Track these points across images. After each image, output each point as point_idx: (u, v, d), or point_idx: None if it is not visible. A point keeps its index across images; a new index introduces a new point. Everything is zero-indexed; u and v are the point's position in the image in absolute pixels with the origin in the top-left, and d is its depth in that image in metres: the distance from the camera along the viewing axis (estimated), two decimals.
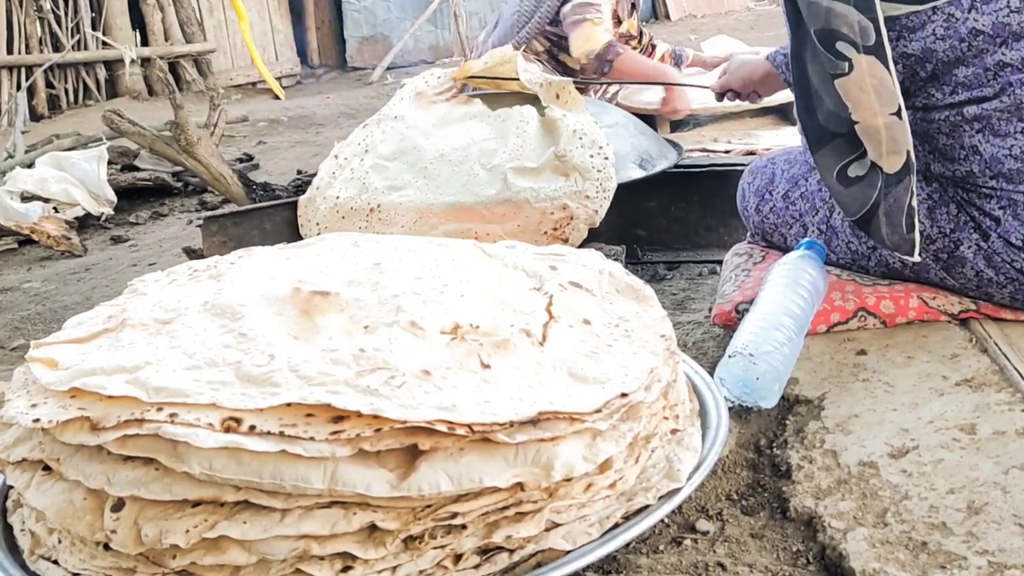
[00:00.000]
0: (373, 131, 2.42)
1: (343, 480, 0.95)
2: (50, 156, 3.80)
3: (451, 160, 2.22)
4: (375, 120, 2.47)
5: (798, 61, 1.50)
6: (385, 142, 2.34)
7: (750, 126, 3.95)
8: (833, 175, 1.48)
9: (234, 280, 1.27)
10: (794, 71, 1.53)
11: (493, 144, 2.23)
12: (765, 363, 1.36)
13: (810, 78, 1.48)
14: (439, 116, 2.36)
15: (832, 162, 1.47)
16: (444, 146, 2.26)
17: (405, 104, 2.44)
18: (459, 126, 2.32)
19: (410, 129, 2.33)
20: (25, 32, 6.60)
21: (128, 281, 2.82)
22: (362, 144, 2.40)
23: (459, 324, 1.13)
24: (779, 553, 1.11)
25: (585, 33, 3.57)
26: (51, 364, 1.10)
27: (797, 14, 1.46)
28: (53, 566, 1.05)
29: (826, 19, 1.39)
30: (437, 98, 2.42)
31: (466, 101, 2.39)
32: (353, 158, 2.37)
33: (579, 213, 2.11)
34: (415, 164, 2.25)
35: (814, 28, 1.41)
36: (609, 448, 1.05)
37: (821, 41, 1.41)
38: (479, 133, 2.27)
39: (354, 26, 8.97)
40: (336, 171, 2.38)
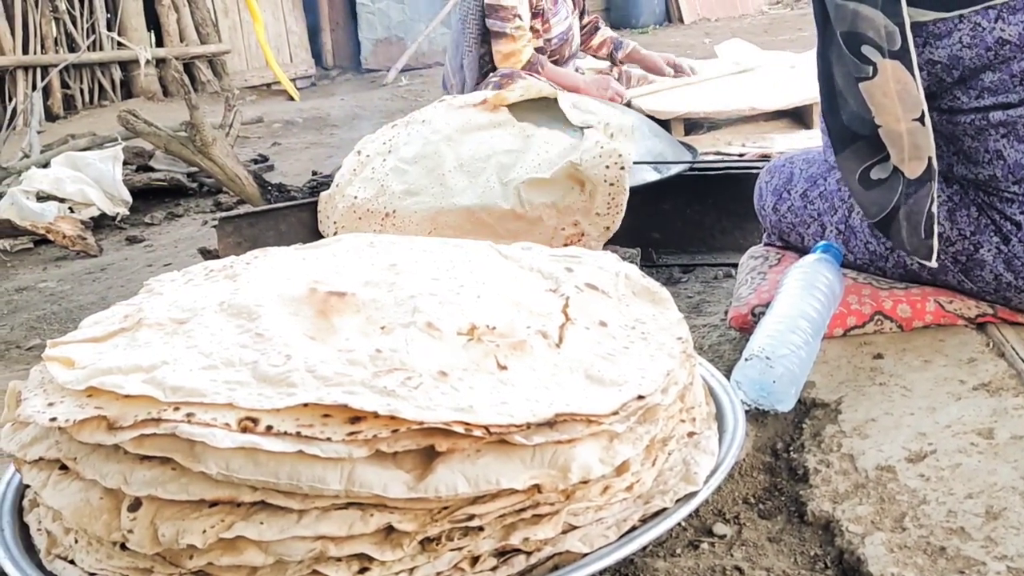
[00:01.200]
0: (400, 132, 2.41)
1: (360, 481, 0.94)
2: (66, 156, 3.82)
3: (469, 170, 2.21)
4: (404, 121, 2.47)
5: (824, 60, 1.50)
6: (409, 144, 2.34)
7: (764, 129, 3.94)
8: (855, 177, 1.47)
9: (250, 280, 1.27)
10: (820, 70, 1.53)
11: (512, 158, 2.21)
12: (782, 366, 1.35)
13: (835, 79, 1.47)
14: (464, 121, 2.35)
15: (855, 164, 1.47)
16: (464, 153, 2.25)
17: (434, 108, 2.44)
18: (482, 134, 2.31)
19: (434, 134, 2.32)
20: (41, 32, 6.63)
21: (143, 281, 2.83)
22: (387, 144, 2.40)
23: (476, 325, 1.13)
24: (796, 557, 1.10)
25: (507, 49, 3.65)
26: (68, 363, 1.10)
27: (824, 14, 1.46)
28: (70, 566, 1.05)
29: (852, 22, 1.38)
30: (467, 102, 2.42)
31: (494, 109, 2.37)
32: (376, 156, 2.37)
33: (590, 231, 2.11)
34: (433, 170, 2.24)
35: (840, 30, 1.41)
36: (626, 450, 1.05)
37: (847, 44, 1.40)
38: (501, 143, 2.26)
39: (368, 28, 8.98)
40: (357, 168, 2.38)
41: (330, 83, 8.53)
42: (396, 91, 7.43)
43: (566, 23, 3.89)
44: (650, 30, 8.97)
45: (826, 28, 1.47)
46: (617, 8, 9.25)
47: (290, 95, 7.34)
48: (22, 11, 6.54)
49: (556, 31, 3.83)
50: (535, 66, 3.61)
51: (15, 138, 4.68)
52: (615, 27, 9.02)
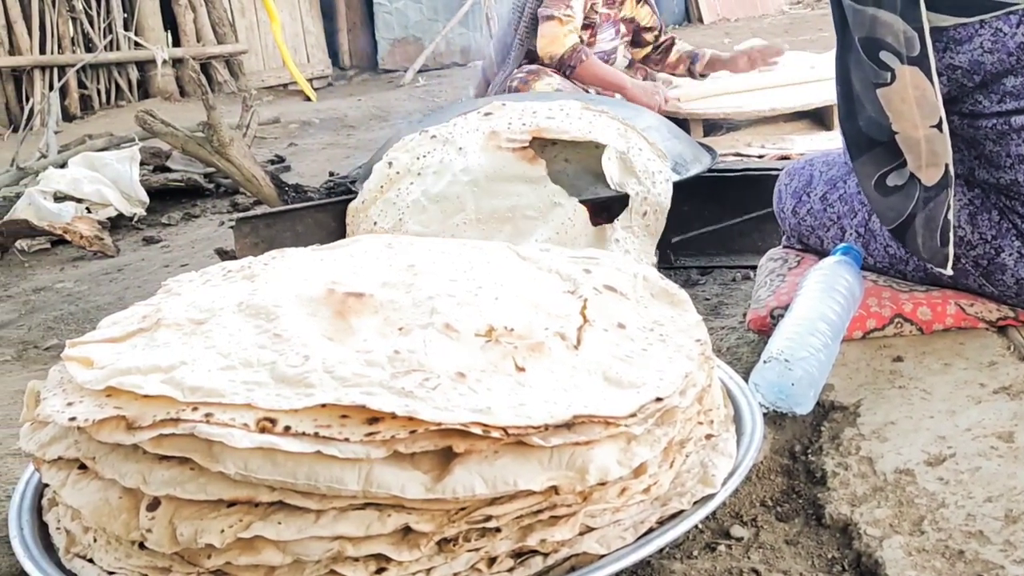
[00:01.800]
0: (435, 151, 2.28)
1: (378, 482, 0.94)
2: (83, 156, 3.84)
3: (484, 227, 2.14)
4: (444, 136, 2.32)
5: (842, 65, 1.49)
6: (437, 175, 2.22)
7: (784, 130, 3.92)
8: (872, 183, 1.47)
9: (268, 281, 1.28)
10: (838, 75, 1.52)
11: (532, 225, 2.13)
12: (801, 369, 1.34)
13: (853, 83, 1.46)
14: (498, 167, 2.19)
15: (871, 170, 1.46)
16: (485, 207, 2.17)
17: (476, 138, 2.27)
18: (510, 187, 2.18)
19: (464, 173, 2.19)
20: (58, 32, 6.66)
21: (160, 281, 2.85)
22: (420, 160, 2.28)
23: (493, 326, 1.13)
24: (814, 560, 1.10)
25: (551, 32, 3.58)
26: (87, 363, 1.11)
27: (843, 19, 1.45)
28: (88, 564, 1.06)
29: (871, 27, 1.37)
30: (508, 144, 2.22)
31: (532, 159, 2.20)
32: (404, 175, 2.26)
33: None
34: (451, 216, 2.15)
35: (859, 35, 1.40)
36: (644, 452, 1.05)
37: (865, 49, 1.39)
38: (526, 203, 2.15)
39: (386, 28, 8.99)
40: (385, 184, 2.28)
41: (347, 83, 8.55)
42: (413, 91, 7.44)
43: (611, 44, 3.87)
44: (669, 30, 8.94)
45: (844, 33, 1.46)
46: None
47: (307, 95, 7.36)
48: (39, 11, 6.58)
49: (600, 47, 3.81)
50: (578, 55, 3.53)
51: (32, 138, 4.71)
52: None
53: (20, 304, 2.87)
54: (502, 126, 2.29)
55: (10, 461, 1.60)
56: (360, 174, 2.60)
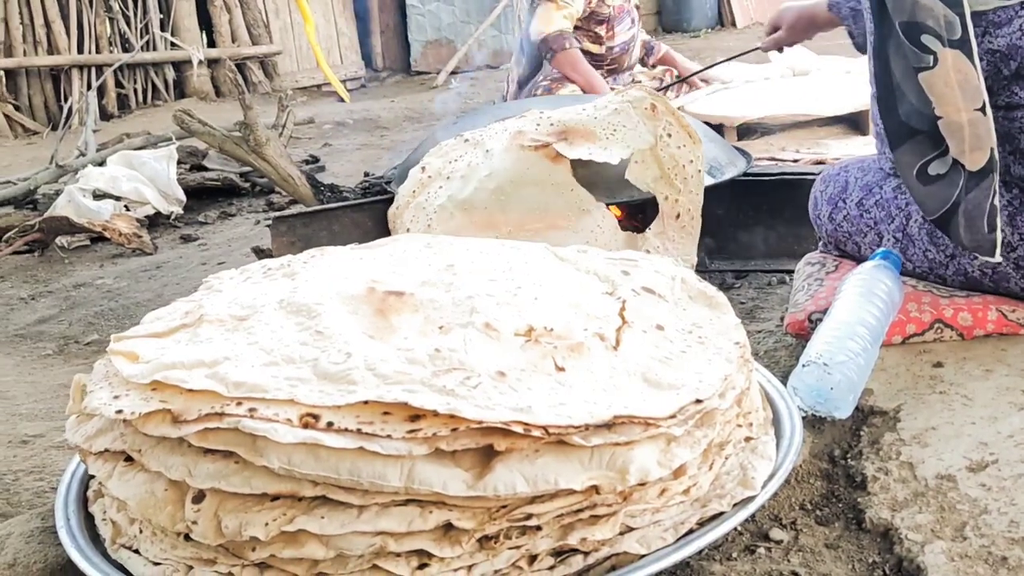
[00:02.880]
0: (467, 154, 2.25)
1: (420, 478, 0.95)
2: (121, 155, 3.89)
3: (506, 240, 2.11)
4: (476, 139, 2.29)
5: (880, 56, 1.48)
6: (464, 180, 2.17)
7: (819, 135, 3.90)
8: (913, 173, 1.46)
9: (309, 279, 1.29)
10: (875, 67, 1.51)
11: (562, 236, 2.03)
12: (840, 373, 1.34)
13: (892, 73, 1.46)
14: (522, 169, 2.12)
15: (912, 159, 1.45)
16: (512, 218, 2.12)
17: (502, 138, 2.21)
18: (534, 192, 2.11)
19: (489, 179, 2.13)
20: (95, 32, 6.76)
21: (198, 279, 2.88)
22: (451, 164, 2.25)
23: (533, 326, 1.13)
24: (854, 564, 1.09)
25: (545, 13, 3.57)
26: (132, 357, 1.12)
27: (882, 7, 1.44)
28: (134, 555, 1.07)
29: (912, 11, 1.37)
30: (530, 143, 2.13)
31: (554, 158, 2.11)
32: (436, 178, 2.24)
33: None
34: (474, 223, 2.12)
35: (899, 20, 1.40)
36: (684, 454, 1.05)
37: (906, 34, 1.39)
38: (552, 208, 2.09)
39: (419, 30, 9.03)
40: (418, 189, 2.26)
41: (379, 85, 8.60)
42: (446, 93, 7.46)
43: (629, 33, 3.86)
44: (702, 34, 8.90)
45: (883, 21, 1.45)
46: (669, 12, 9.19)
47: (340, 96, 7.40)
48: (77, 11, 6.68)
49: (619, 40, 3.81)
50: (563, 40, 3.51)
51: (71, 137, 4.77)
52: (667, 31, 8.98)
53: (61, 300, 2.91)
54: (529, 126, 2.23)
55: (54, 453, 1.63)
56: (395, 175, 2.62)
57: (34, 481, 1.52)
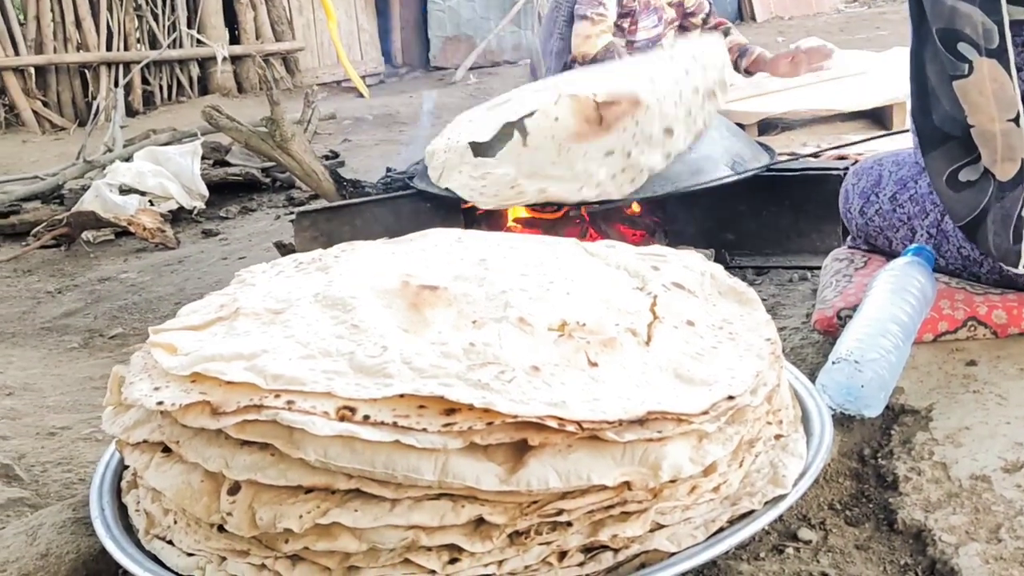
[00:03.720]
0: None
1: (453, 472, 0.95)
2: (147, 150, 3.92)
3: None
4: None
5: (917, 59, 1.47)
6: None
7: (841, 130, 3.88)
8: (943, 179, 1.45)
9: (342, 273, 1.29)
10: (912, 69, 1.50)
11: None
12: (871, 370, 1.33)
13: (928, 77, 1.45)
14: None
15: (943, 165, 1.44)
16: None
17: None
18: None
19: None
20: (124, 30, 6.83)
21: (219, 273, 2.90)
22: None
23: (566, 321, 1.13)
24: (886, 566, 1.08)
25: (584, 32, 3.57)
26: (171, 349, 1.13)
27: (920, 11, 1.43)
28: (168, 546, 1.08)
29: (949, 18, 1.36)
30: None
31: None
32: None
33: None
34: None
35: (936, 27, 1.38)
36: (716, 451, 1.04)
37: (942, 41, 1.38)
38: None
39: (438, 26, 9.05)
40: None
41: (399, 81, 8.62)
42: (465, 89, 7.47)
43: (654, 32, 3.85)
44: None
45: (921, 25, 1.44)
46: None
47: (360, 92, 7.42)
48: (107, 9, 6.74)
49: (641, 36, 3.80)
50: (611, 53, 3.55)
51: (98, 132, 4.82)
52: None
53: (86, 293, 2.94)
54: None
55: (81, 445, 1.65)
56: (418, 170, 2.63)
57: (62, 472, 1.53)
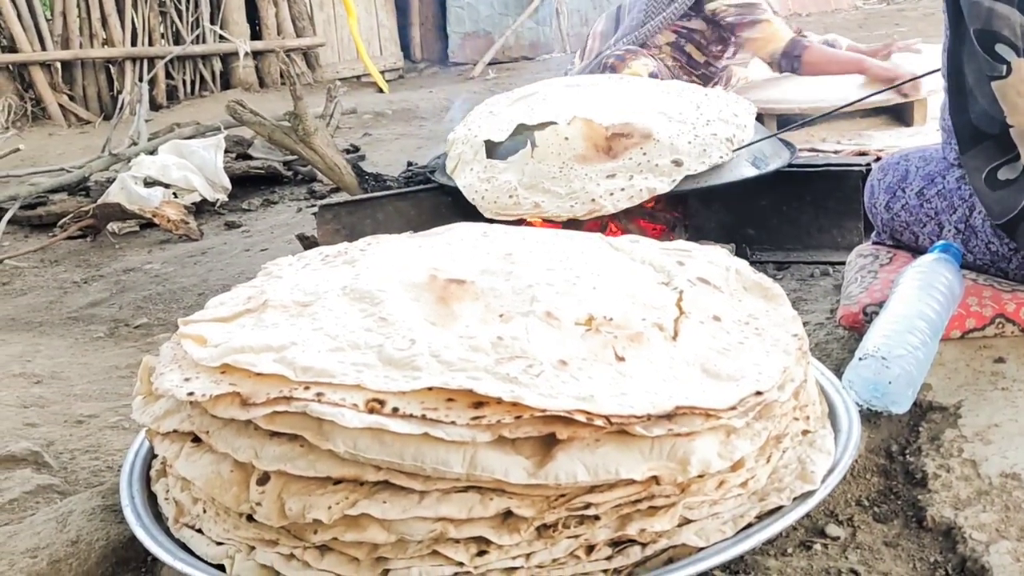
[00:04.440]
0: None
1: (482, 465, 0.96)
2: (172, 144, 3.94)
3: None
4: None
5: (954, 58, 1.46)
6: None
7: (861, 126, 3.85)
8: (981, 177, 1.44)
9: (369, 266, 1.30)
10: (949, 68, 1.49)
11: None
12: (898, 367, 1.32)
13: (965, 76, 1.44)
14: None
15: (981, 163, 1.43)
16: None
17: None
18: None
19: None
20: (148, 26, 6.88)
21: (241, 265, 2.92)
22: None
23: (593, 316, 1.13)
24: (915, 563, 1.08)
25: (766, 33, 3.53)
26: (200, 341, 1.14)
27: (957, 11, 1.42)
28: (197, 534, 1.09)
29: (987, 20, 1.35)
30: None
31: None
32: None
33: None
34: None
35: (973, 28, 1.37)
36: (744, 446, 1.04)
37: (980, 41, 1.37)
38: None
39: (457, 22, 9.05)
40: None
41: (418, 76, 8.63)
42: (483, 84, 7.47)
43: (728, 62, 3.83)
44: None
45: (958, 25, 1.43)
46: None
47: (380, 87, 7.44)
48: (132, 5, 6.79)
49: (721, 63, 3.79)
50: (797, 42, 3.48)
51: (122, 126, 4.86)
52: None
53: (111, 284, 2.97)
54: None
55: (108, 433, 1.66)
56: (439, 164, 2.63)
57: (90, 460, 1.55)
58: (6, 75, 6.50)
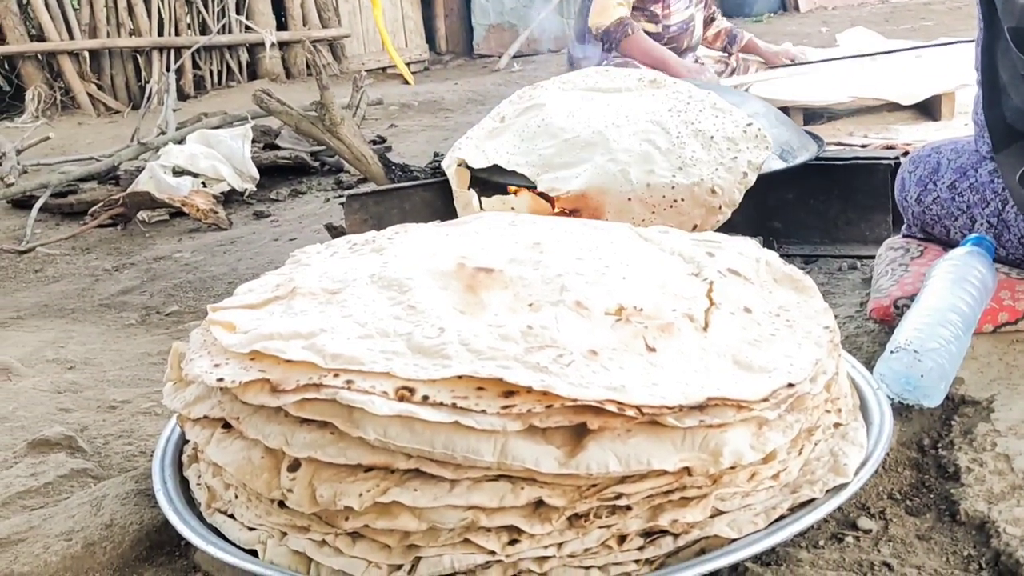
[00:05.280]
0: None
1: (513, 454, 0.96)
2: (199, 133, 3.97)
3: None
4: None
5: (988, 54, 1.45)
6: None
7: (888, 120, 3.81)
8: (1016, 176, 1.42)
9: (398, 254, 1.30)
10: (983, 64, 1.47)
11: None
12: (931, 360, 1.31)
13: (999, 72, 1.42)
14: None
15: (1016, 162, 1.42)
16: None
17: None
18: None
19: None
20: (175, 15, 6.93)
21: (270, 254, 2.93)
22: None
23: (623, 306, 1.13)
24: (948, 557, 1.07)
25: (600, 4, 3.56)
26: (229, 327, 1.14)
27: (991, 8, 1.40)
28: (229, 520, 1.10)
29: (1020, 18, 1.33)
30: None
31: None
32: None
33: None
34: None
35: (1008, 25, 1.36)
36: (776, 438, 1.03)
37: (1014, 40, 1.35)
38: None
39: (482, 14, 9.05)
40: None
41: (443, 68, 8.64)
42: (508, 76, 7.46)
43: (687, 13, 3.83)
44: (765, 18, 8.74)
45: (992, 22, 1.42)
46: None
47: (405, 79, 7.45)
48: None
49: (676, 19, 3.78)
50: (624, 28, 3.54)
51: (151, 115, 4.90)
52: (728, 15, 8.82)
53: (142, 272, 3.00)
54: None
55: (141, 419, 1.68)
56: None
57: (123, 445, 1.56)
58: (35, 64, 6.56)
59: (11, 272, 3.16)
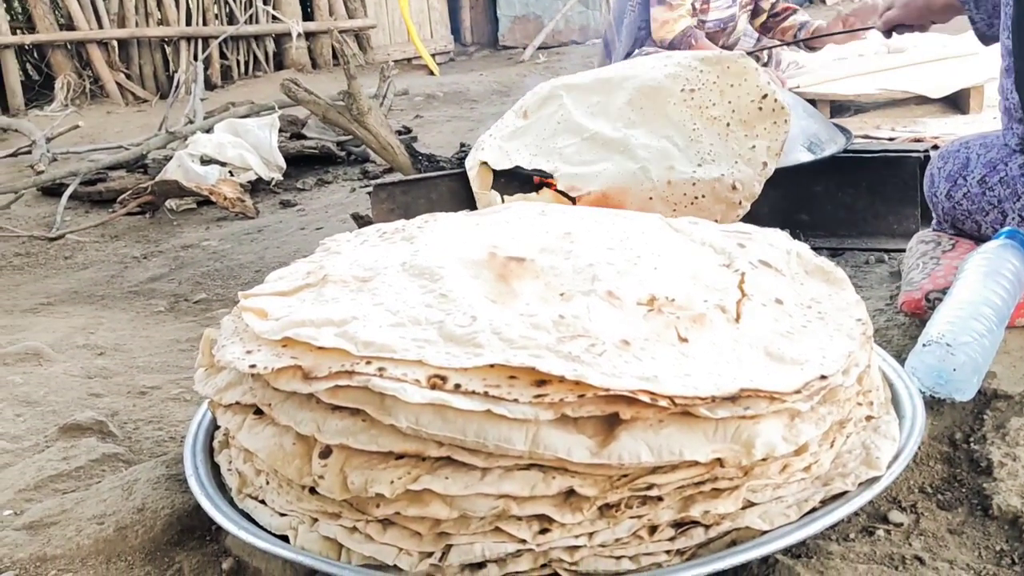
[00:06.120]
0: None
1: (544, 443, 0.96)
2: (227, 123, 3.99)
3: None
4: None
5: (1018, 31, 1.42)
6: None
7: (916, 113, 3.78)
8: None
9: (428, 243, 1.30)
10: (1012, 42, 1.45)
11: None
12: (964, 354, 1.29)
13: None
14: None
15: None
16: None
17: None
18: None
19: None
20: (203, 6, 6.97)
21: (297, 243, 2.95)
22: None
23: (655, 296, 1.13)
24: (980, 551, 1.06)
25: (662, 16, 3.57)
26: (261, 314, 1.15)
27: None
28: (260, 505, 1.11)
29: None
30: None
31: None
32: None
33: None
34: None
35: None
36: (809, 430, 1.03)
37: None
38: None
39: (507, 6, 9.05)
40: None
41: (468, 59, 8.64)
42: (533, 67, 7.45)
43: (728, 12, 3.81)
44: None
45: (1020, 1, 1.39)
46: None
47: (431, 70, 7.46)
48: None
49: (713, 16, 3.76)
50: (688, 38, 3.54)
51: (178, 104, 4.93)
52: None
53: (170, 259, 3.02)
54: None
55: (171, 405, 1.69)
56: None
57: (154, 430, 1.58)
58: (64, 53, 6.62)
59: (41, 259, 3.20)
